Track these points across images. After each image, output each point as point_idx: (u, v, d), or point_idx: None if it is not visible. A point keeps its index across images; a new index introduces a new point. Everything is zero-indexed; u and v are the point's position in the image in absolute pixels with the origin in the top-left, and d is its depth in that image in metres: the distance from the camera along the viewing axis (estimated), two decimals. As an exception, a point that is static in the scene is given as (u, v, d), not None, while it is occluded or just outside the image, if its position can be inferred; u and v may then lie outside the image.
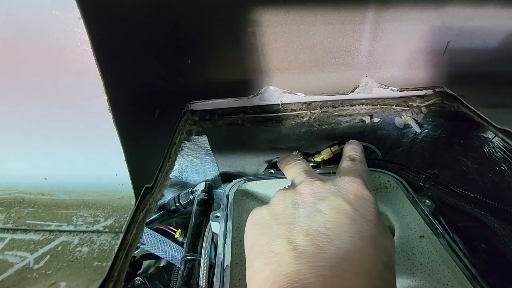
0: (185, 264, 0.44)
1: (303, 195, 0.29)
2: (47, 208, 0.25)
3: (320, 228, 0.25)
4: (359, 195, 0.28)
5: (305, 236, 0.25)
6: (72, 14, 0.19)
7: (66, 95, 0.22)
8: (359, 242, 0.24)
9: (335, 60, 0.43)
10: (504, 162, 0.54)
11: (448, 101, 0.44)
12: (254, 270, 0.25)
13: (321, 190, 0.29)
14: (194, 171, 0.64)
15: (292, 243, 0.25)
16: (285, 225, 0.26)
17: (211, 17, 0.38)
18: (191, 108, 0.47)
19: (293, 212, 0.28)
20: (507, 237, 0.44)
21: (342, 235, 0.24)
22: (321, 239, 0.24)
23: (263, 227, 0.28)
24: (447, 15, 0.39)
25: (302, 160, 0.37)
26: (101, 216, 0.24)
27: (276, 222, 0.27)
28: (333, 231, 0.25)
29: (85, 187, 0.25)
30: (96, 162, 0.24)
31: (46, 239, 0.22)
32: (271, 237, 0.26)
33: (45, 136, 0.23)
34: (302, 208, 0.28)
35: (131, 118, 0.27)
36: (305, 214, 0.27)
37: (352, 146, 0.39)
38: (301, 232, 0.25)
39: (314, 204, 0.28)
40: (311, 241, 0.24)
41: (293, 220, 0.27)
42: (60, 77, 0.21)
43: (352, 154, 0.37)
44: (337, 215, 0.26)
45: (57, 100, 0.22)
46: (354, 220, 0.26)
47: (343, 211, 0.26)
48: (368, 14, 0.39)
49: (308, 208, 0.27)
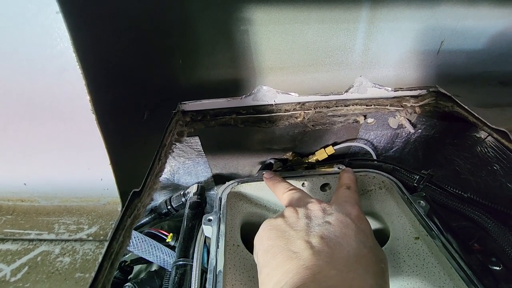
0: (177, 269, 0.42)
1: (314, 211, 0.33)
2: (27, 216, 0.23)
3: (331, 235, 0.30)
4: (358, 216, 0.33)
5: (320, 239, 0.29)
6: (50, 7, 0.17)
7: (45, 95, 0.20)
8: (364, 249, 0.29)
9: (329, 60, 0.43)
10: (497, 162, 0.54)
11: (442, 101, 0.43)
12: (274, 266, 0.28)
13: (328, 208, 0.34)
14: (186, 173, 0.63)
15: (309, 243, 0.28)
16: (301, 231, 0.30)
17: (203, 15, 0.37)
18: (182, 109, 0.45)
19: (307, 222, 0.32)
20: (500, 237, 0.44)
21: (350, 242, 0.29)
22: (333, 244, 0.28)
23: (280, 231, 0.31)
24: (441, 14, 0.39)
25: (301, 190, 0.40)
26: (85, 223, 0.22)
27: (292, 228, 0.31)
28: (342, 238, 0.29)
29: (68, 192, 0.24)
30: (79, 166, 0.23)
31: (25, 249, 0.21)
32: (289, 239, 0.30)
33: (24, 138, 0.22)
34: (314, 220, 0.32)
35: (117, 119, 0.26)
36: (317, 224, 0.31)
37: (348, 175, 0.42)
38: (316, 235, 0.29)
39: (324, 217, 0.32)
40: (326, 244, 0.28)
41: (307, 227, 0.31)
42: (39, 75, 0.20)
43: (348, 183, 0.41)
44: (344, 227, 0.31)
45: (36, 100, 0.21)
46: (358, 233, 0.30)
47: (348, 225, 0.31)
48: (362, 13, 0.39)
49: (319, 219, 0.32)
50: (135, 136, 0.31)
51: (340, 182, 0.42)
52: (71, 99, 0.20)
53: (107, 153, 0.22)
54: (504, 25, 0.40)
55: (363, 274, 0.26)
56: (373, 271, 0.27)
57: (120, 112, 0.28)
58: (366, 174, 0.49)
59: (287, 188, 0.40)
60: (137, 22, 0.34)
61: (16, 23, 0.18)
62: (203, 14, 0.37)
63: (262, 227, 0.34)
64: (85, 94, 0.20)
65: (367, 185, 0.50)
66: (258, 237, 0.33)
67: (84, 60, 0.19)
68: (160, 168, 0.34)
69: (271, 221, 0.34)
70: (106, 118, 0.22)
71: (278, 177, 0.44)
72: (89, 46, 0.20)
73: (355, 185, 0.41)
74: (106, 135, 0.22)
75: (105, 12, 0.24)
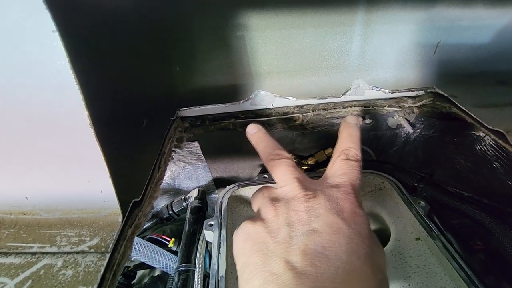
0: (179, 275, 0.43)
1: (298, 212, 0.28)
2: (29, 228, 0.24)
3: (317, 247, 0.25)
4: (352, 212, 0.28)
5: (302, 256, 0.24)
6: (47, 27, 0.18)
7: (45, 111, 0.20)
8: (357, 261, 0.24)
9: (326, 63, 0.43)
10: (496, 160, 0.54)
11: (439, 102, 0.43)
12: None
13: (316, 206, 0.28)
14: (186, 178, 0.63)
15: (290, 263, 0.24)
16: (281, 244, 0.26)
17: (199, 22, 0.38)
18: (181, 115, 0.46)
19: (289, 230, 0.26)
20: (502, 236, 0.44)
21: (340, 254, 0.24)
22: (319, 259, 0.24)
23: (257, 243, 0.27)
24: (436, 15, 0.39)
25: (289, 160, 0.33)
26: (86, 235, 0.23)
27: (272, 239, 0.26)
28: (330, 251, 0.24)
29: (68, 204, 0.24)
30: (79, 179, 0.23)
31: (28, 263, 0.21)
32: (267, 256, 0.25)
33: (24, 153, 0.22)
34: (297, 226, 0.27)
35: (116, 130, 0.26)
36: (301, 233, 0.26)
37: (349, 131, 0.34)
38: (298, 251, 0.25)
39: (309, 223, 0.27)
40: (309, 261, 0.24)
41: (289, 239, 0.26)
42: (38, 92, 0.20)
43: (349, 148, 0.33)
44: (333, 234, 0.26)
45: (36, 116, 0.21)
46: (351, 239, 0.25)
47: (339, 229, 0.26)
48: (357, 16, 0.39)
49: (303, 226, 0.27)
50: (134, 145, 0.31)
51: (338, 144, 0.34)
52: (70, 114, 0.20)
53: (106, 166, 0.22)
54: (500, 24, 0.40)
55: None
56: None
57: (118, 122, 0.28)
58: (365, 175, 0.49)
59: (271, 153, 0.33)
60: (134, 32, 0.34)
61: (14, 43, 0.18)
62: (199, 21, 0.37)
63: (237, 234, 0.29)
64: (83, 109, 0.20)
65: (366, 186, 0.50)
66: (234, 246, 0.29)
67: (81, 75, 0.20)
68: (160, 176, 0.34)
69: (247, 227, 0.29)
70: (104, 131, 0.23)
71: (263, 133, 0.37)
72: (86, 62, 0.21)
73: (357, 150, 0.33)
74: (105, 148, 0.22)
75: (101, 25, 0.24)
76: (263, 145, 0.35)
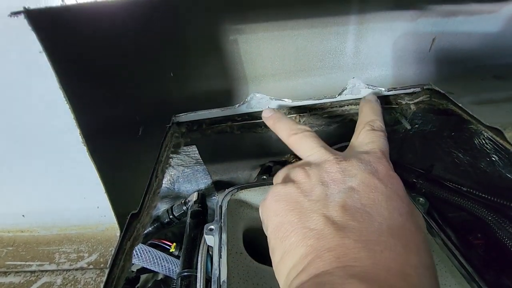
0: (181, 281, 0.43)
1: (331, 173, 0.26)
2: (28, 246, 0.24)
3: (357, 204, 0.23)
4: (387, 173, 0.27)
5: (343, 211, 0.23)
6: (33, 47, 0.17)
7: (37, 131, 0.20)
8: (400, 218, 0.23)
9: (321, 64, 0.43)
10: (495, 153, 0.54)
11: (436, 99, 0.43)
12: (287, 249, 0.23)
13: (349, 168, 0.26)
14: (186, 181, 0.63)
15: (330, 218, 0.22)
16: (318, 202, 0.24)
17: (191, 28, 0.37)
18: (177, 121, 0.46)
19: (324, 189, 0.25)
20: (502, 230, 0.44)
21: (381, 211, 0.23)
22: (360, 215, 0.22)
23: (291, 203, 0.25)
24: (431, 12, 0.39)
25: (311, 132, 0.32)
26: (85, 251, 0.23)
27: (306, 198, 0.25)
28: (371, 207, 0.23)
29: (66, 221, 0.24)
30: (75, 196, 0.23)
31: (27, 281, 0.21)
32: (303, 213, 0.24)
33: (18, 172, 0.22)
34: (332, 185, 0.25)
35: (110, 144, 0.26)
36: (337, 191, 0.24)
37: (371, 105, 0.34)
38: (337, 207, 0.23)
39: (345, 182, 0.25)
40: (351, 216, 0.22)
41: (325, 196, 0.24)
42: (29, 113, 0.20)
43: (373, 119, 0.33)
44: (372, 192, 0.24)
45: (29, 135, 0.21)
46: (389, 197, 0.24)
47: (376, 188, 0.24)
48: (351, 15, 0.38)
49: (339, 185, 0.25)
50: (130, 156, 0.31)
51: (361, 117, 0.34)
52: (62, 133, 0.20)
53: (101, 182, 0.22)
54: (495, 18, 0.40)
55: (402, 252, 0.21)
56: (414, 245, 0.22)
57: (113, 134, 0.28)
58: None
59: (293, 128, 0.33)
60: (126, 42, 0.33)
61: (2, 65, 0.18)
62: (192, 27, 0.37)
63: (268, 197, 0.27)
64: (75, 127, 0.20)
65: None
66: (264, 209, 0.27)
67: (71, 93, 0.20)
68: (158, 185, 0.34)
69: (278, 189, 0.27)
70: (98, 146, 0.22)
71: (280, 113, 0.37)
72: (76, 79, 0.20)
73: (381, 122, 0.33)
74: (99, 163, 0.22)
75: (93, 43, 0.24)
76: (281, 124, 0.35)
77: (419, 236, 0.23)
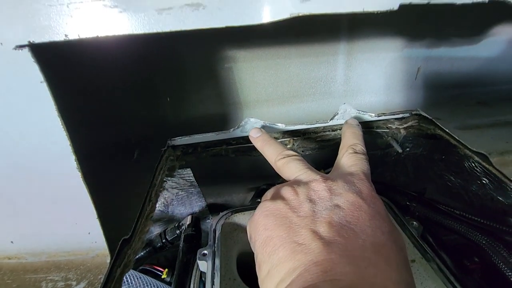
0: (172, 309, 0.41)
1: (318, 191, 0.28)
2: (14, 274, 0.23)
3: (342, 221, 0.24)
4: (370, 194, 0.28)
5: (329, 227, 0.24)
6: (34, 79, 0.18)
7: (31, 157, 0.21)
8: (382, 236, 0.24)
9: (313, 90, 0.44)
10: (485, 176, 0.55)
11: (424, 124, 0.45)
12: (275, 263, 0.23)
13: (335, 187, 0.28)
14: (180, 204, 0.63)
15: (318, 234, 0.23)
16: (306, 217, 0.25)
17: (188, 57, 0.39)
18: (172, 144, 0.46)
19: (312, 205, 0.26)
20: (496, 254, 0.44)
21: (365, 229, 0.24)
22: (345, 231, 0.24)
23: (280, 218, 0.26)
24: (414, 43, 0.41)
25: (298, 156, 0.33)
26: (73, 279, 0.22)
27: (295, 214, 0.26)
28: (355, 225, 0.24)
29: (55, 247, 0.24)
30: (66, 221, 0.23)
31: (12, 312, 0.21)
32: (292, 228, 0.25)
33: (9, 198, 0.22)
34: (319, 203, 0.26)
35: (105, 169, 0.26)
36: (324, 208, 0.26)
37: (352, 130, 0.36)
38: (324, 223, 0.24)
39: (331, 200, 0.26)
40: (337, 232, 0.23)
41: (313, 213, 0.25)
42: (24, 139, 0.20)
43: (355, 143, 0.35)
44: (356, 210, 0.25)
45: (23, 161, 0.21)
46: (373, 216, 0.25)
47: (360, 207, 0.26)
48: (340, 46, 0.41)
49: (326, 202, 0.26)
50: (124, 180, 0.31)
51: (344, 141, 0.36)
52: (57, 160, 0.21)
53: (94, 208, 0.22)
54: (475, 49, 0.42)
55: (384, 268, 0.22)
56: (395, 262, 0.23)
57: (108, 158, 0.28)
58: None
59: (280, 153, 0.33)
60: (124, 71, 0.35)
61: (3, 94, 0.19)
62: (188, 55, 0.39)
63: (257, 213, 0.28)
64: (70, 153, 0.20)
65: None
66: (253, 224, 0.28)
67: (68, 120, 0.20)
68: (151, 209, 0.34)
69: (267, 205, 0.28)
70: (92, 172, 0.23)
71: (268, 136, 0.38)
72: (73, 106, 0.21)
73: (362, 145, 0.34)
74: (93, 189, 0.22)
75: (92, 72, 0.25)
76: (269, 147, 0.36)
77: (400, 254, 0.24)
